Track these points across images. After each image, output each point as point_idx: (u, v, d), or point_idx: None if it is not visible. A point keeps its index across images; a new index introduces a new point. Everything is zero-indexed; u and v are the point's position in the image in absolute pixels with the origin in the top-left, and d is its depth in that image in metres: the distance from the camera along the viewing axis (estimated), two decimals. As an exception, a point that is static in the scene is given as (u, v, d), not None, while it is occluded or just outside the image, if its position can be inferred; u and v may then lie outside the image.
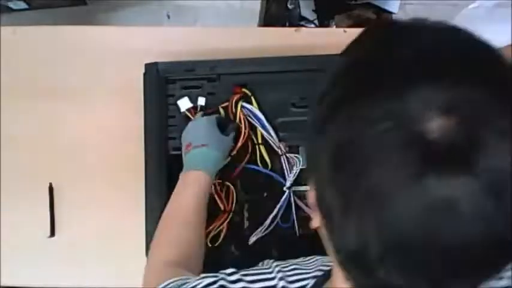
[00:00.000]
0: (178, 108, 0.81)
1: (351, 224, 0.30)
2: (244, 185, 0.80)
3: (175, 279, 0.53)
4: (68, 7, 1.62)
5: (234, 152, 0.77)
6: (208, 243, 0.75)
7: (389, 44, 0.33)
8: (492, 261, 0.30)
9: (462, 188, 0.26)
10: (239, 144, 0.77)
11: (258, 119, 0.79)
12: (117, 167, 0.86)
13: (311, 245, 0.54)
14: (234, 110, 0.79)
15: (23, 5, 1.57)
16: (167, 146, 0.79)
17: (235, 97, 0.79)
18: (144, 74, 0.81)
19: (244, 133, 0.77)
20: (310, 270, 0.49)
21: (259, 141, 0.79)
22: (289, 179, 0.77)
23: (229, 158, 0.76)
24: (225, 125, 0.77)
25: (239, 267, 0.53)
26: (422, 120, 0.27)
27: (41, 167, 0.87)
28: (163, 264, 0.62)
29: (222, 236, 0.75)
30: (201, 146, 0.71)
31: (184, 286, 0.50)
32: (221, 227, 0.76)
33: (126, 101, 0.87)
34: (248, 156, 0.78)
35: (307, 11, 1.28)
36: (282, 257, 0.66)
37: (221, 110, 0.80)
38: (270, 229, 0.76)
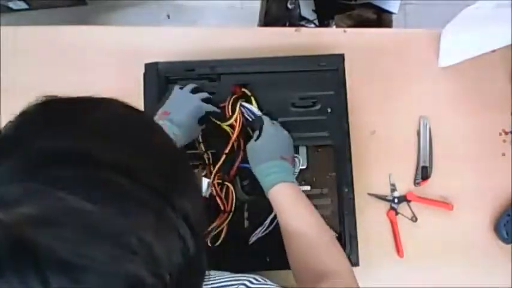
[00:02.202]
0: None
1: None
2: (244, 185, 0.80)
3: None
4: (68, 7, 1.62)
5: (227, 151, 0.77)
6: (209, 243, 0.75)
7: None
8: None
9: None
10: (231, 141, 0.77)
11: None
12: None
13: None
14: (230, 110, 0.79)
15: (23, 5, 1.57)
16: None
17: (233, 97, 0.79)
18: (144, 74, 0.81)
19: (238, 131, 0.78)
20: None
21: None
22: (289, 179, 0.77)
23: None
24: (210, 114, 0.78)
25: (239, 266, 0.53)
26: None
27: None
28: None
29: (222, 236, 0.75)
30: (164, 114, 0.72)
31: None
32: (221, 227, 0.76)
33: (126, 101, 0.86)
34: (242, 155, 0.78)
35: (307, 11, 1.28)
36: (281, 256, 0.67)
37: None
38: (269, 229, 0.76)
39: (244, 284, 0.51)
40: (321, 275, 0.60)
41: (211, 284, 0.52)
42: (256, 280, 0.52)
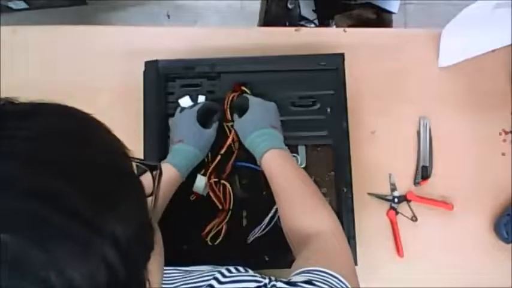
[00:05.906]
0: (178, 106, 0.81)
1: None
2: (242, 184, 0.80)
3: None
4: (68, 7, 1.62)
5: (223, 151, 0.77)
6: (209, 242, 0.75)
7: None
8: None
9: None
10: (228, 141, 0.77)
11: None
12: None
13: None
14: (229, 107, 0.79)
15: (23, 5, 1.57)
16: (167, 144, 0.79)
17: (232, 95, 0.79)
18: (144, 72, 0.81)
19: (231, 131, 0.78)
20: None
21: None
22: (289, 179, 0.77)
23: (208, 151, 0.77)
24: (212, 112, 0.78)
25: (238, 265, 0.53)
26: None
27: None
28: None
29: (222, 235, 0.75)
30: (178, 142, 0.73)
31: None
32: (221, 226, 0.76)
33: (126, 101, 0.87)
34: (237, 152, 0.78)
35: (307, 11, 1.28)
36: (280, 255, 0.67)
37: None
38: (268, 228, 0.76)
39: (216, 278, 0.50)
40: (306, 239, 0.60)
41: (190, 280, 0.52)
42: (229, 272, 0.51)
